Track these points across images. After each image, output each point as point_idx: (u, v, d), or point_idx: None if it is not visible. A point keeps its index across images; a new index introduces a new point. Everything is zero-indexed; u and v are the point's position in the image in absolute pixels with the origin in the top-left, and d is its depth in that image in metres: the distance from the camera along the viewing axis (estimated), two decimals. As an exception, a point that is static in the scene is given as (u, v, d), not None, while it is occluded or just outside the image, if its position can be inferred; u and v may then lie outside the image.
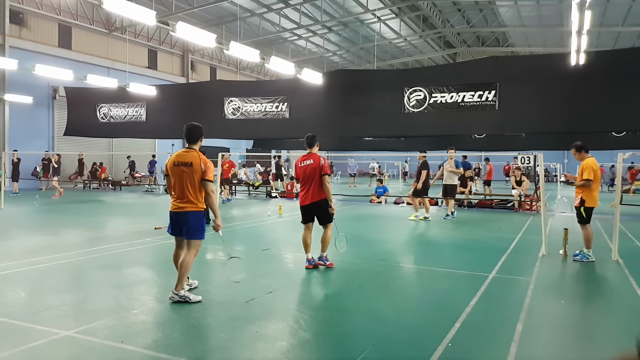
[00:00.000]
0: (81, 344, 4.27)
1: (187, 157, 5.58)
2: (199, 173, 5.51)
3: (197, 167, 5.51)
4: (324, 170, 7.21)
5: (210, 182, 5.56)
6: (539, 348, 4.39)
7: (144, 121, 20.43)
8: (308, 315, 5.14)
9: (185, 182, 5.51)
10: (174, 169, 5.59)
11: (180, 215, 5.56)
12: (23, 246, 8.90)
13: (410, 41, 36.92)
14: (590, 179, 7.95)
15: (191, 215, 5.54)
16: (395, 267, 7.69)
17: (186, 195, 5.52)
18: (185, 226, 5.56)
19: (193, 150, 5.65)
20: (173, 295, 5.46)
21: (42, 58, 23.56)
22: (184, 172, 5.52)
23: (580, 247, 8.31)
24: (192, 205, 5.53)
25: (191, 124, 5.74)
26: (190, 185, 5.51)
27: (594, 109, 12.78)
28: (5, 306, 5.28)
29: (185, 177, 5.51)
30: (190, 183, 5.51)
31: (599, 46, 31.58)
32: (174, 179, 5.59)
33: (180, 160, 5.58)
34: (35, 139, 24.55)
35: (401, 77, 16.10)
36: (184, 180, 5.52)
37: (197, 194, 5.55)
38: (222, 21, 30.61)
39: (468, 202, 17.78)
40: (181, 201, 5.55)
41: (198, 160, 5.53)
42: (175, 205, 5.59)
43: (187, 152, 5.63)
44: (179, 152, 5.69)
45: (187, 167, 5.52)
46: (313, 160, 7.24)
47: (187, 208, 5.52)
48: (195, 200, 5.53)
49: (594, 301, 6.23)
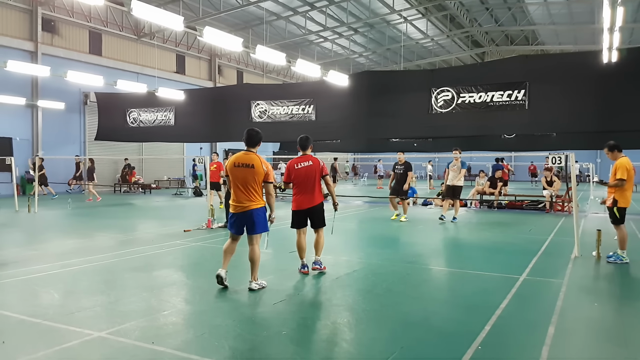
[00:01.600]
0: (113, 344, 4.34)
1: (248, 159, 6.04)
2: (261, 175, 5.99)
3: (259, 168, 5.99)
4: (325, 171, 7.17)
5: (272, 183, 6.12)
6: (571, 352, 4.30)
7: (172, 125, 20.72)
8: (336, 318, 5.13)
9: (248, 182, 5.96)
10: (234, 170, 6.05)
11: (244, 215, 6.01)
12: (56, 249, 9.10)
13: (437, 41, 36.61)
14: (624, 179, 7.77)
15: (255, 212, 5.99)
16: (424, 269, 7.62)
17: (249, 194, 5.97)
18: (251, 222, 6.02)
19: (252, 153, 6.13)
20: (253, 285, 6.06)
21: (74, 64, 24.09)
22: (245, 173, 5.98)
23: (613, 248, 8.12)
24: (255, 202, 5.99)
25: (252, 129, 6.30)
26: (252, 185, 5.97)
27: (627, 107, 12.49)
28: (39, 307, 5.40)
29: (247, 177, 5.96)
30: (252, 183, 5.97)
31: (632, 43, 30.80)
32: (234, 180, 6.04)
33: (241, 161, 6.04)
34: (67, 144, 25.10)
35: (428, 77, 15.99)
36: (246, 180, 5.97)
37: (259, 193, 6.03)
38: (248, 25, 30.84)
39: (498, 204, 17.54)
40: (244, 200, 5.98)
41: (259, 162, 6.02)
42: (237, 205, 6.03)
43: (247, 155, 6.10)
44: (238, 154, 6.16)
45: (249, 168, 5.98)
46: (312, 162, 7.13)
47: (251, 206, 5.97)
48: (257, 198, 6.01)
49: (628, 304, 6.07)
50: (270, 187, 6.09)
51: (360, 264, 7.81)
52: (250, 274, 6.14)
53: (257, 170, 5.96)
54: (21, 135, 23.01)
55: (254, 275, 6.13)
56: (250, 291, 6.00)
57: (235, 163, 6.05)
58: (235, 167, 6.03)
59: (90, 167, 20.60)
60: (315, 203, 7.24)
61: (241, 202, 5.99)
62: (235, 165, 6.04)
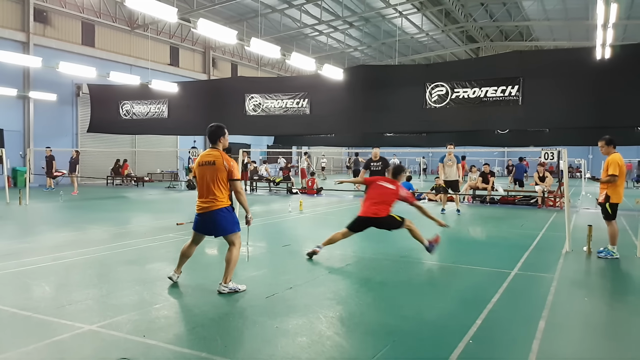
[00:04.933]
0: (104, 338, 4.33)
1: (210, 156, 5.71)
2: (223, 172, 5.62)
3: (220, 165, 5.62)
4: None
5: (238, 180, 5.72)
6: (561, 346, 4.33)
7: (166, 118, 20.62)
8: (329, 311, 5.14)
9: (209, 181, 5.63)
10: (199, 169, 5.74)
11: (207, 216, 5.69)
12: (48, 242, 9.06)
13: (432, 36, 36.59)
14: (616, 175, 7.81)
15: (217, 213, 5.65)
16: (417, 264, 7.64)
17: (210, 194, 5.63)
18: (213, 224, 5.70)
19: (216, 150, 5.77)
20: (223, 288, 5.64)
21: (66, 56, 23.91)
22: (207, 172, 5.65)
23: (604, 243, 8.17)
24: (217, 203, 5.63)
25: (212, 125, 5.85)
26: (214, 184, 5.61)
27: (620, 104, 12.53)
28: (31, 301, 5.38)
29: (209, 176, 5.64)
30: (213, 182, 5.61)
31: (626, 39, 30.89)
32: (199, 179, 5.74)
33: (204, 160, 5.73)
34: (60, 136, 24.94)
35: (423, 72, 15.97)
36: (208, 179, 5.64)
37: (222, 192, 5.65)
38: (243, 18, 30.71)
39: (490, 199, 17.61)
40: (206, 200, 5.66)
41: (221, 159, 5.65)
42: (200, 206, 5.72)
43: (210, 152, 5.77)
44: (203, 153, 5.85)
45: (211, 165, 5.64)
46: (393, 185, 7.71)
47: (212, 207, 5.63)
48: (220, 198, 5.64)
49: (618, 299, 6.12)
50: (236, 184, 5.70)
51: (354, 258, 7.82)
52: (223, 275, 5.72)
53: (218, 167, 5.60)
54: (12, 127, 22.85)
55: (226, 277, 5.68)
56: (220, 294, 5.62)
57: (200, 162, 5.74)
58: (200, 166, 5.72)
59: (74, 159, 20.42)
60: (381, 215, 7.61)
61: (204, 202, 5.67)
62: (199, 165, 5.74)
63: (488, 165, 18.58)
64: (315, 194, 20.80)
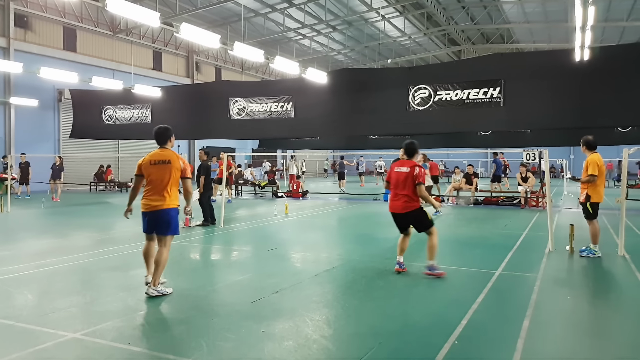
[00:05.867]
0: (88, 345, 4.29)
1: (164, 155, 5.83)
2: (178, 170, 5.78)
3: (176, 163, 5.78)
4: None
5: (189, 179, 5.89)
6: (546, 344, 4.38)
7: (149, 123, 20.44)
8: (315, 314, 5.15)
9: (163, 180, 5.72)
10: (149, 168, 5.77)
11: (154, 214, 5.74)
12: (31, 249, 8.95)
13: (415, 39, 36.82)
14: (595, 175, 7.92)
15: (165, 212, 5.74)
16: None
17: (163, 193, 5.71)
18: (160, 223, 5.76)
19: (168, 149, 5.93)
20: (152, 291, 5.67)
21: (47, 61, 23.69)
22: (161, 170, 5.73)
23: (586, 242, 8.28)
24: (167, 202, 5.73)
25: (159, 127, 6.06)
26: (168, 182, 5.73)
27: (599, 105, 12.71)
28: (13, 309, 5.31)
29: (163, 175, 5.72)
30: (168, 180, 5.73)
31: (604, 41, 31.39)
32: (150, 178, 5.76)
33: (157, 158, 5.80)
34: (41, 141, 24.68)
35: (406, 75, 16.05)
36: (162, 178, 5.72)
37: (173, 191, 5.79)
38: (226, 22, 30.65)
39: (474, 200, 17.75)
40: (157, 199, 5.71)
41: (176, 158, 5.82)
42: (149, 204, 5.73)
43: (163, 151, 5.89)
44: (153, 152, 5.90)
45: (166, 164, 5.75)
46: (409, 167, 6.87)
47: (163, 206, 5.71)
48: (170, 197, 5.76)
49: (600, 297, 6.22)
50: (188, 183, 5.86)
51: (340, 261, 7.84)
52: (152, 277, 5.73)
53: (174, 166, 5.75)
54: (-7, 133, 22.55)
55: (155, 280, 5.71)
56: (147, 296, 5.64)
57: (151, 161, 5.78)
58: (151, 164, 5.76)
59: (58, 166, 20.18)
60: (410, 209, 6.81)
61: (153, 201, 5.71)
62: (151, 163, 5.76)
63: (472, 166, 18.72)
64: (300, 197, 20.80)
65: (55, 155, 21.65)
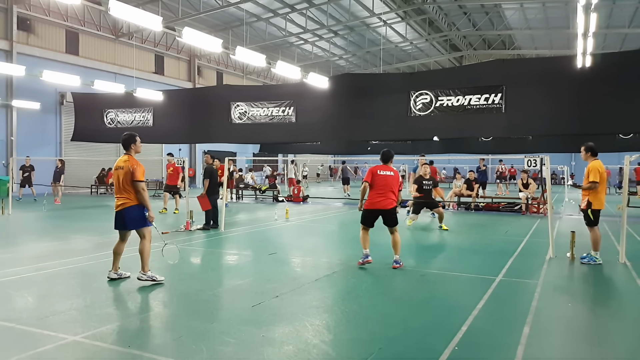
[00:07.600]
0: (88, 348, 4.29)
1: (120, 161, 6.60)
2: (128, 174, 6.46)
3: (127, 168, 6.48)
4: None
5: (139, 181, 6.48)
6: (546, 351, 4.37)
7: (151, 126, 20.47)
8: (315, 319, 5.14)
9: (119, 183, 6.50)
10: (114, 173, 6.62)
11: (120, 213, 6.55)
12: (31, 252, 8.95)
13: (417, 45, 36.91)
14: (597, 181, 7.92)
15: (126, 211, 6.50)
16: (402, 271, 7.66)
17: (122, 194, 6.50)
18: (123, 220, 6.54)
19: (126, 155, 6.67)
20: (141, 276, 6.46)
21: (50, 64, 23.74)
22: (119, 175, 6.50)
23: (587, 249, 8.27)
24: (127, 201, 6.48)
25: (125, 134, 6.86)
26: (124, 185, 6.47)
27: (601, 111, 12.71)
28: (13, 312, 5.31)
29: (120, 179, 6.49)
30: (123, 183, 6.47)
31: (606, 48, 31.42)
32: (115, 181, 6.61)
33: (117, 165, 6.61)
34: (43, 145, 24.70)
35: (407, 80, 16.06)
36: (120, 181, 6.50)
37: (130, 192, 6.48)
38: (228, 26, 30.72)
39: (475, 205, 17.74)
40: (119, 199, 6.52)
41: (127, 163, 6.51)
42: (116, 205, 6.57)
43: (122, 158, 6.65)
44: (119, 159, 6.70)
45: (120, 170, 6.51)
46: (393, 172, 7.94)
47: (124, 205, 6.49)
48: (128, 197, 6.49)
49: (601, 304, 6.20)
50: (137, 185, 6.45)
51: (340, 266, 7.83)
52: (141, 266, 6.50)
53: (125, 171, 6.47)
54: (-5, 136, 22.58)
55: (144, 267, 6.50)
56: (139, 280, 6.42)
57: (115, 167, 6.62)
58: (115, 170, 6.60)
59: (60, 169, 20.19)
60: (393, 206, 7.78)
61: (118, 201, 6.53)
62: (115, 169, 6.60)
63: (473, 172, 18.70)
64: (301, 202, 20.80)
65: (57, 158, 21.67)
